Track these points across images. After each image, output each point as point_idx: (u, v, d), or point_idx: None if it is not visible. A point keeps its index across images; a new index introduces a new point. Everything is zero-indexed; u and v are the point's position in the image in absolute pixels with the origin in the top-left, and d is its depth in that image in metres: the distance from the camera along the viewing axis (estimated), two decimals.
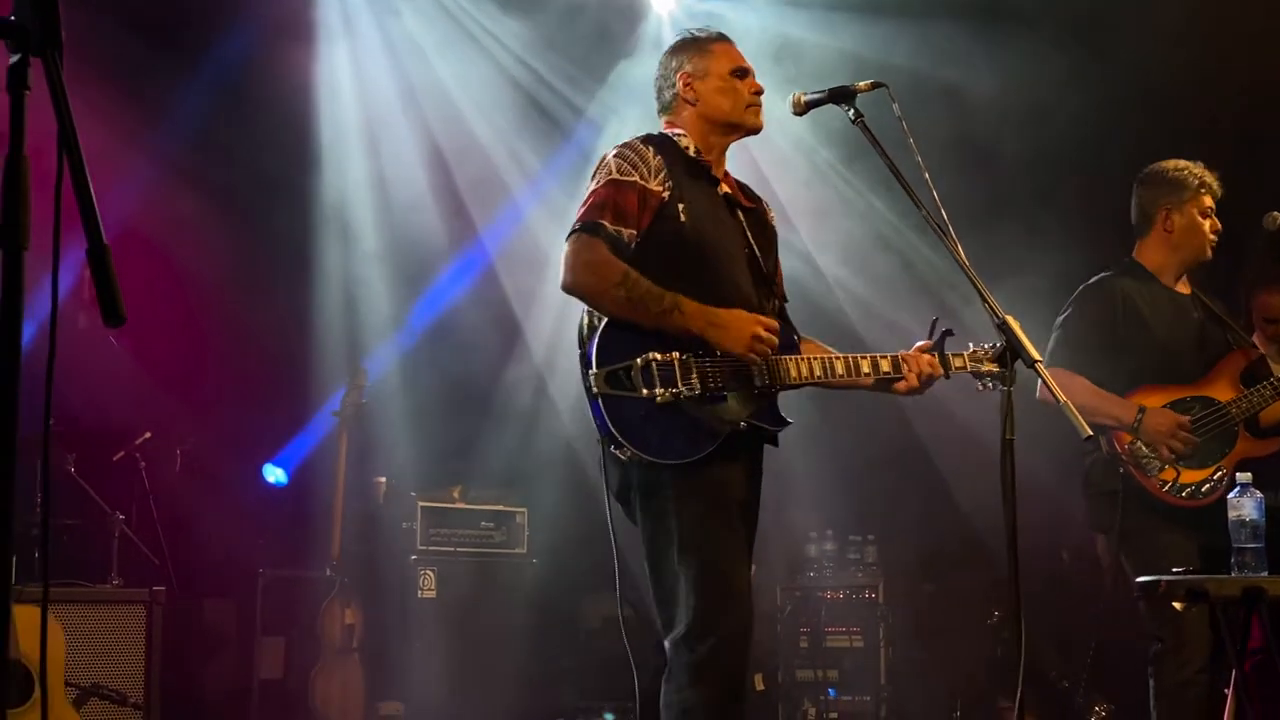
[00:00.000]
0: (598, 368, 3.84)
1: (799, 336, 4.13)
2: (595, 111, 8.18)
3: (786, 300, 4.31)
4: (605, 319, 3.90)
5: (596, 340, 3.88)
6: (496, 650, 7.08)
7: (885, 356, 4.10)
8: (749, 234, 4.16)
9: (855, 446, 7.63)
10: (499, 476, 7.79)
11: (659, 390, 3.81)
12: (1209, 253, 5.41)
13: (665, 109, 4.28)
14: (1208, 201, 5.37)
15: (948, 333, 3.96)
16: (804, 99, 4.09)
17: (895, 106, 3.91)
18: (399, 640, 6.95)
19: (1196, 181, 5.36)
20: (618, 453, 3.88)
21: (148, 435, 6.96)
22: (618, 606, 4.11)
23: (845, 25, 7.49)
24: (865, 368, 4.08)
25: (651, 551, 3.96)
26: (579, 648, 7.74)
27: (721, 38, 4.26)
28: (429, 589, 7.07)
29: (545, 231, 7.94)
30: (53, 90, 2.12)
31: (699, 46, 4.24)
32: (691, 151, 4.15)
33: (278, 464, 7.85)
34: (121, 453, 6.89)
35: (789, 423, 4.02)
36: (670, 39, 7.67)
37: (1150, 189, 5.45)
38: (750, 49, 4.43)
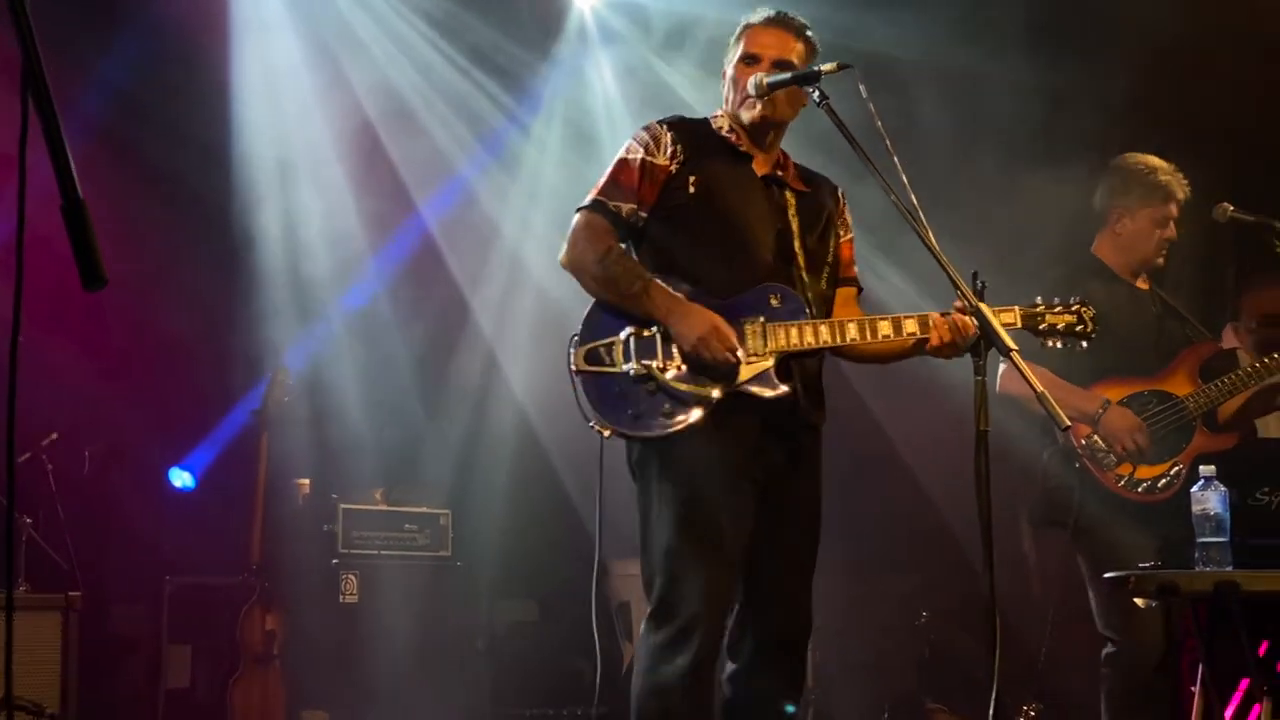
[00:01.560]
0: (581, 344, 3.88)
1: (814, 310, 4.00)
2: (534, 88, 8.05)
3: (859, 287, 4.27)
4: (594, 300, 3.94)
5: (585, 317, 3.93)
6: (422, 655, 6.88)
7: (911, 316, 3.97)
8: (790, 212, 4.08)
9: None
10: (423, 478, 7.60)
11: (634, 364, 3.82)
12: (1158, 261, 5.42)
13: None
14: (1170, 211, 5.35)
15: (983, 285, 3.80)
16: (767, 82, 4.01)
17: (862, 88, 3.83)
18: (321, 647, 6.73)
19: (1157, 188, 5.34)
20: (598, 429, 3.83)
21: (54, 436, 6.66)
22: (593, 605, 4.01)
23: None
24: (885, 328, 3.96)
25: (641, 526, 3.92)
26: (498, 652, 7.58)
27: (750, 24, 4.18)
28: (351, 593, 6.88)
29: (483, 223, 7.79)
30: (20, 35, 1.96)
31: (738, 34, 4.19)
32: (725, 131, 4.13)
33: (184, 468, 7.58)
34: (27, 454, 6.58)
35: (784, 390, 3.88)
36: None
37: (1112, 183, 5.44)
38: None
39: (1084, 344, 4.12)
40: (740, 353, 3.83)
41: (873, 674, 7.40)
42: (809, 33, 4.16)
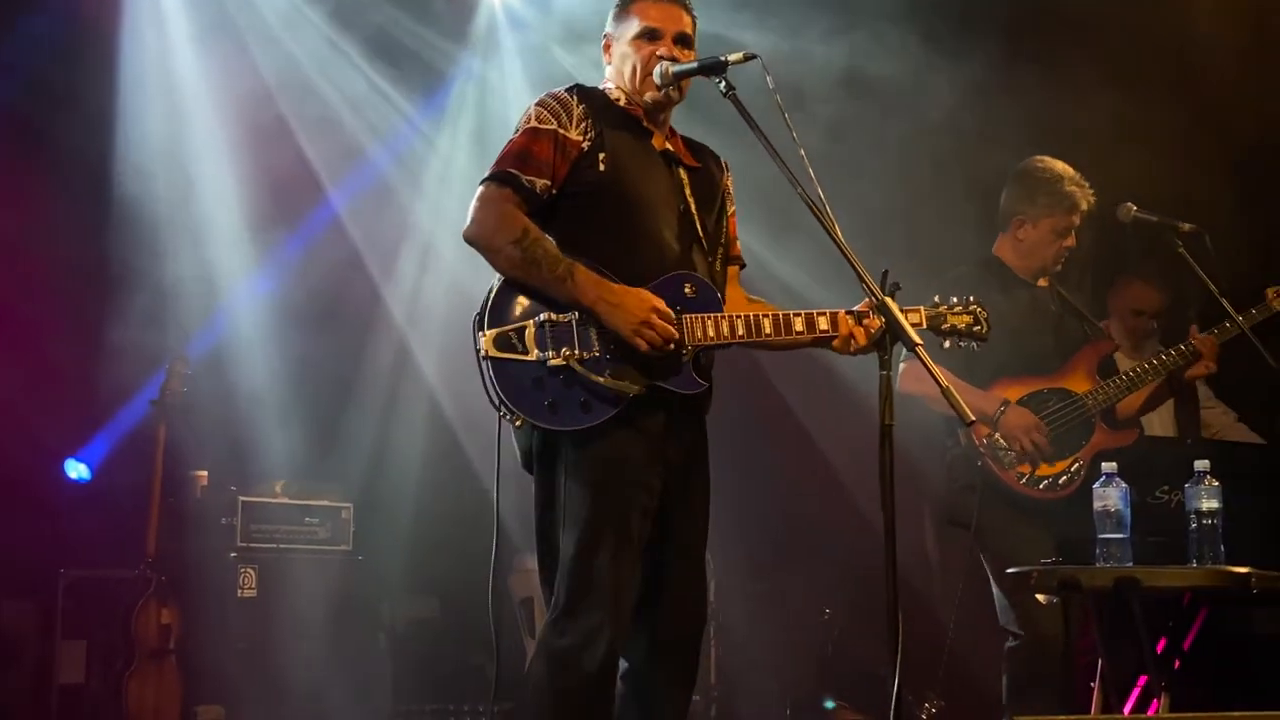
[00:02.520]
0: (489, 329, 3.71)
1: (723, 295, 3.97)
2: (453, 66, 7.96)
3: (742, 264, 4.20)
4: (501, 279, 3.77)
5: (491, 299, 3.75)
6: (322, 651, 6.78)
7: (824, 313, 3.94)
8: (687, 191, 4.01)
9: None
10: (330, 470, 7.49)
11: (550, 353, 3.69)
12: (1054, 269, 5.46)
13: (607, 65, 4.16)
14: (1072, 221, 5.38)
15: (896, 286, 3.77)
16: (673, 71, 3.96)
17: (769, 79, 3.80)
18: (218, 641, 6.61)
19: (1061, 198, 5.36)
20: (509, 420, 3.71)
21: None
22: (489, 601, 3.93)
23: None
24: (799, 325, 3.91)
25: (540, 523, 3.82)
26: (398, 649, 7.50)
27: None
28: (249, 588, 6.76)
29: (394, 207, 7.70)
30: None
31: (623, 5, 4.09)
32: (622, 102, 4.02)
33: (80, 459, 7.43)
34: None
35: (704, 385, 3.86)
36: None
37: (1016, 190, 5.46)
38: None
39: (978, 344, 4.11)
40: (678, 343, 3.75)
41: (776, 671, 7.40)
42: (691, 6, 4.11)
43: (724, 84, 3.85)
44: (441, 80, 8.13)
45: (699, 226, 3.99)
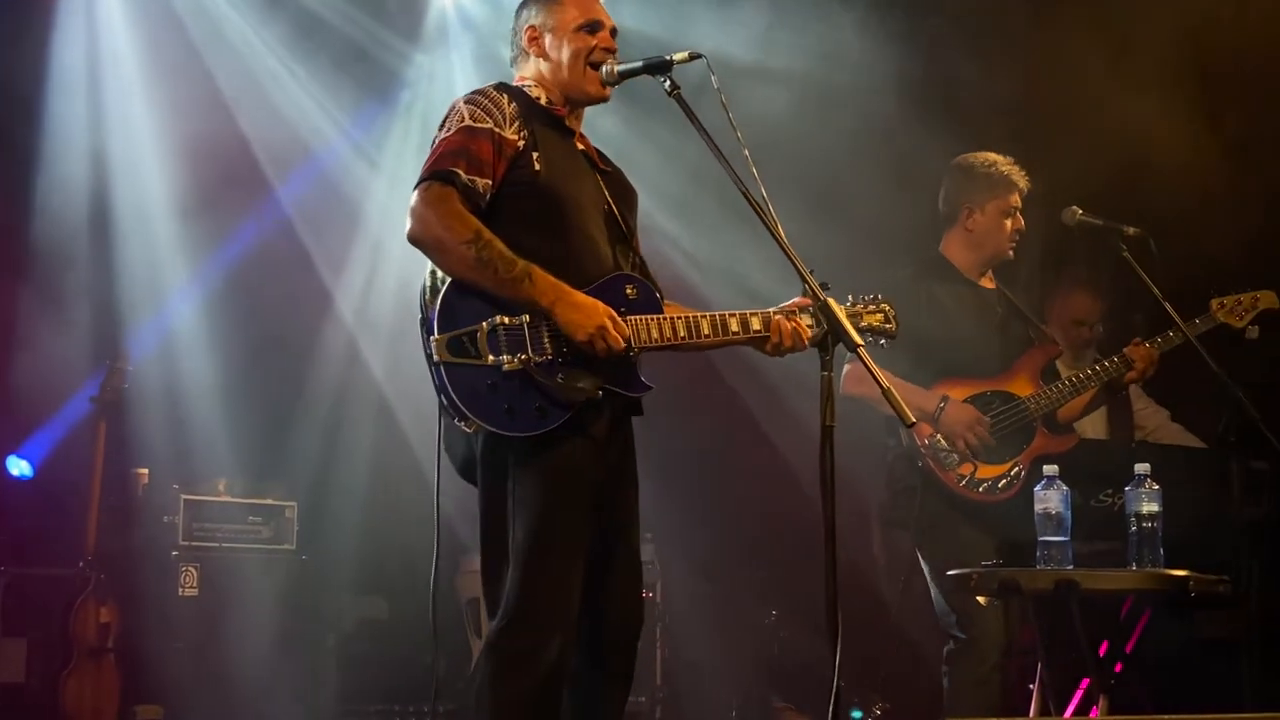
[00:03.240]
0: (440, 333, 3.61)
1: (661, 295, 3.94)
2: (404, 64, 7.91)
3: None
4: (449, 280, 3.66)
5: (439, 303, 3.64)
6: (259, 651, 6.72)
7: (756, 314, 3.93)
8: (607, 192, 3.97)
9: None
10: (277, 469, 7.43)
11: (505, 357, 3.61)
12: (1010, 253, 5.47)
13: (515, 63, 4.08)
14: (1013, 200, 5.41)
15: (824, 286, 3.75)
16: (617, 69, 3.93)
17: (714, 79, 3.78)
18: (158, 640, 6.54)
19: (1001, 179, 5.39)
20: (461, 425, 3.64)
21: None
22: (431, 602, 3.89)
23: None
24: (734, 326, 3.90)
25: (486, 529, 3.75)
26: (339, 651, 7.44)
27: None
28: (191, 586, 6.70)
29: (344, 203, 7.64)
30: None
31: None
32: (544, 101, 3.95)
33: (22, 455, 7.33)
34: None
35: (650, 387, 3.84)
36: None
37: (957, 182, 5.48)
38: None
39: (887, 341, 4.10)
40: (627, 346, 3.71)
41: (721, 672, 7.39)
42: None
43: (669, 83, 3.82)
44: (393, 78, 8.07)
45: (622, 226, 3.96)
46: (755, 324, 3.92)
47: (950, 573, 4.64)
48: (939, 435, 5.18)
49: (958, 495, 5.17)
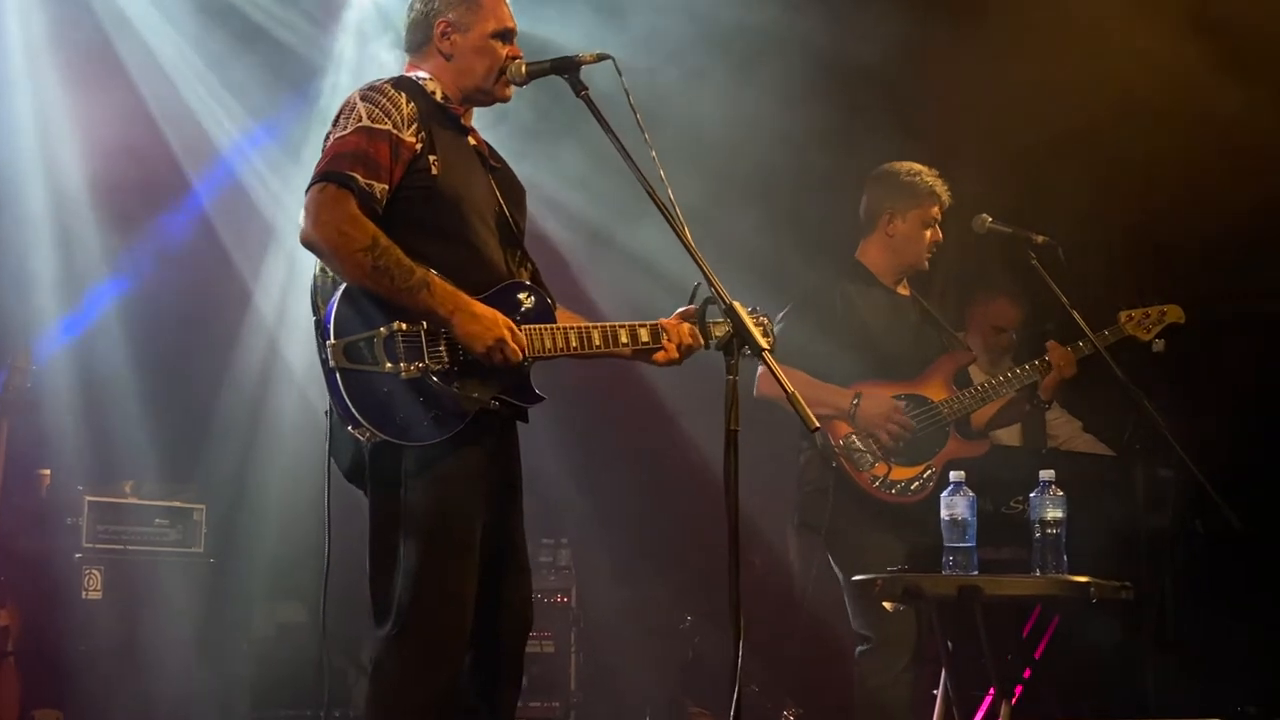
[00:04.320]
0: (336, 338, 3.54)
1: (553, 302, 3.91)
2: (320, 56, 7.80)
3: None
4: (343, 286, 3.59)
5: (335, 307, 3.57)
6: (167, 655, 6.61)
7: (644, 325, 3.93)
8: (498, 191, 3.93)
9: (548, 443, 7.44)
10: (179, 469, 7.30)
11: (404, 364, 3.55)
12: (925, 264, 5.51)
13: (414, 50, 3.99)
14: (934, 212, 5.45)
15: (710, 300, 3.75)
16: (525, 68, 3.89)
17: (622, 80, 3.75)
18: (60, 644, 6.40)
19: (926, 190, 5.44)
20: (355, 433, 3.59)
21: None
22: (321, 609, 3.83)
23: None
24: (624, 337, 3.91)
25: (375, 536, 3.69)
26: (254, 655, 7.33)
27: None
28: (94, 589, 6.56)
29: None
30: None
31: None
32: (439, 97, 3.87)
33: None
34: None
35: (543, 398, 3.81)
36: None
37: (879, 189, 5.52)
38: None
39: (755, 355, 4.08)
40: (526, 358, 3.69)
41: (636, 677, 7.36)
42: None
43: (576, 83, 3.79)
44: (312, 72, 7.95)
45: (514, 227, 3.93)
46: (644, 335, 3.93)
47: (856, 578, 4.64)
48: (854, 435, 5.20)
49: (870, 497, 5.20)
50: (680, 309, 3.99)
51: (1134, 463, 5.58)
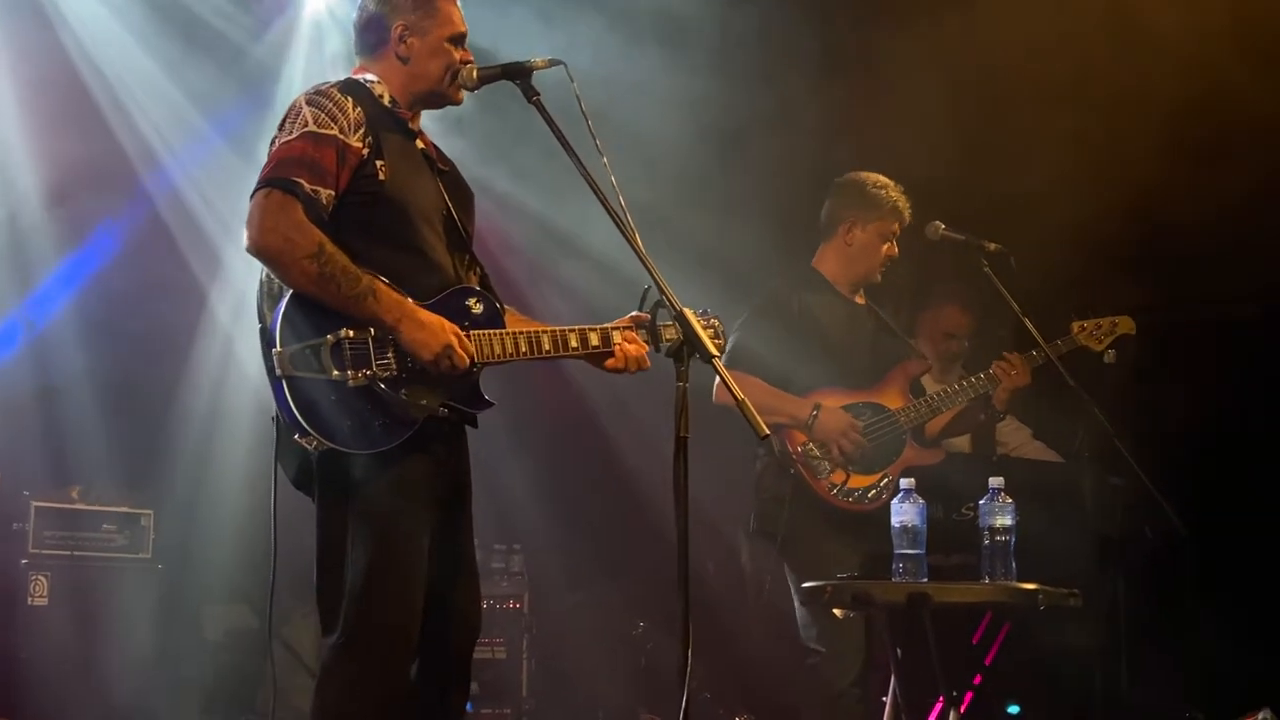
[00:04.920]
0: (282, 346, 3.50)
1: (502, 307, 3.89)
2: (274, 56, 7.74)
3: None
4: (289, 293, 3.55)
5: (281, 314, 3.53)
6: (115, 661, 6.55)
7: (595, 329, 3.92)
8: (446, 195, 3.90)
9: (502, 448, 7.41)
10: (131, 474, 7.23)
11: (350, 372, 3.52)
12: (877, 277, 5.52)
13: (367, 52, 3.94)
14: (893, 227, 5.48)
15: (660, 304, 3.73)
16: (476, 73, 3.88)
17: (574, 86, 3.74)
18: (6, 650, 6.34)
19: (889, 204, 5.46)
20: (302, 442, 3.54)
21: None
22: (268, 614, 3.79)
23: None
24: (574, 342, 3.89)
25: (323, 544, 3.66)
26: (204, 660, 7.28)
27: None
28: (40, 596, 6.51)
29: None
30: None
31: None
32: (386, 101, 3.84)
33: None
34: None
35: (492, 404, 3.79)
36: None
37: (843, 197, 5.53)
38: None
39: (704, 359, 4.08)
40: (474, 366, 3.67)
41: (588, 683, 7.35)
42: None
43: (528, 89, 3.78)
44: (267, 72, 7.87)
45: (462, 231, 3.90)
46: (594, 339, 3.91)
47: (805, 585, 4.63)
48: (812, 443, 5.20)
49: (827, 504, 5.20)
50: (632, 313, 3.97)
51: (1083, 470, 5.60)
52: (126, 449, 7.39)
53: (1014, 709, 6.48)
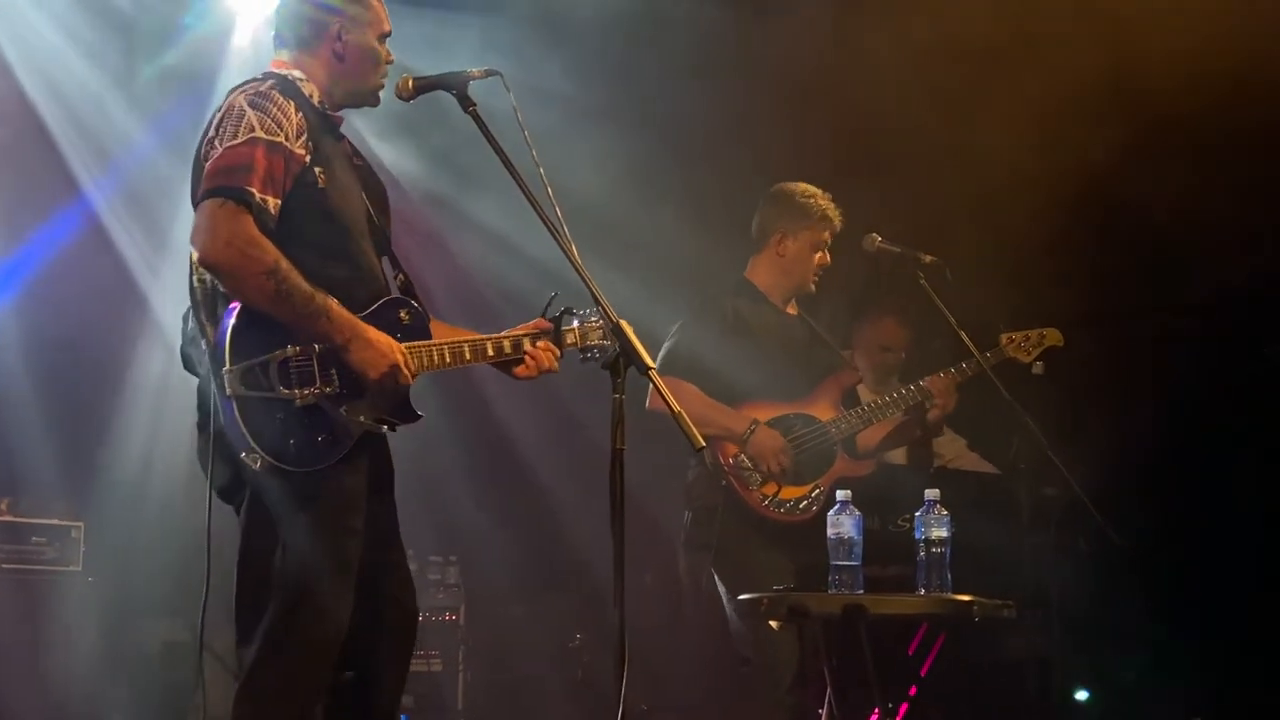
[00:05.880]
0: (232, 364, 3.45)
1: (428, 315, 3.89)
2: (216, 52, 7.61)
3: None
4: (235, 305, 3.49)
5: (229, 329, 3.47)
6: (44, 675, 6.46)
7: (507, 337, 3.95)
8: (365, 196, 3.87)
9: (439, 459, 7.36)
10: (61, 486, 7.12)
11: (298, 390, 3.50)
12: (811, 287, 5.54)
13: (296, 46, 3.85)
14: (824, 236, 5.50)
15: (566, 311, 3.84)
16: (413, 83, 3.84)
17: (511, 96, 3.74)
18: None
19: (819, 213, 5.47)
20: (247, 459, 3.48)
21: None
22: (199, 628, 3.75)
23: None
24: (490, 351, 3.93)
25: (246, 555, 3.65)
26: (135, 673, 7.18)
27: None
28: None
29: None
30: None
31: None
32: (316, 101, 3.79)
33: None
34: None
35: (421, 416, 3.78)
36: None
37: (773, 209, 5.55)
38: None
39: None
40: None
41: (525, 697, 7.31)
42: None
43: (464, 99, 3.76)
44: (208, 69, 7.76)
45: (384, 234, 3.91)
46: (506, 347, 3.96)
47: (741, 596, 4.63)
48: (744, 454, 5.20)
49: (759, 515, 5.21)
50: (535, 319, 4.02)
51: (1018, 481, 5.63)
52: (60, 460, 7.28)
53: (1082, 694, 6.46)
